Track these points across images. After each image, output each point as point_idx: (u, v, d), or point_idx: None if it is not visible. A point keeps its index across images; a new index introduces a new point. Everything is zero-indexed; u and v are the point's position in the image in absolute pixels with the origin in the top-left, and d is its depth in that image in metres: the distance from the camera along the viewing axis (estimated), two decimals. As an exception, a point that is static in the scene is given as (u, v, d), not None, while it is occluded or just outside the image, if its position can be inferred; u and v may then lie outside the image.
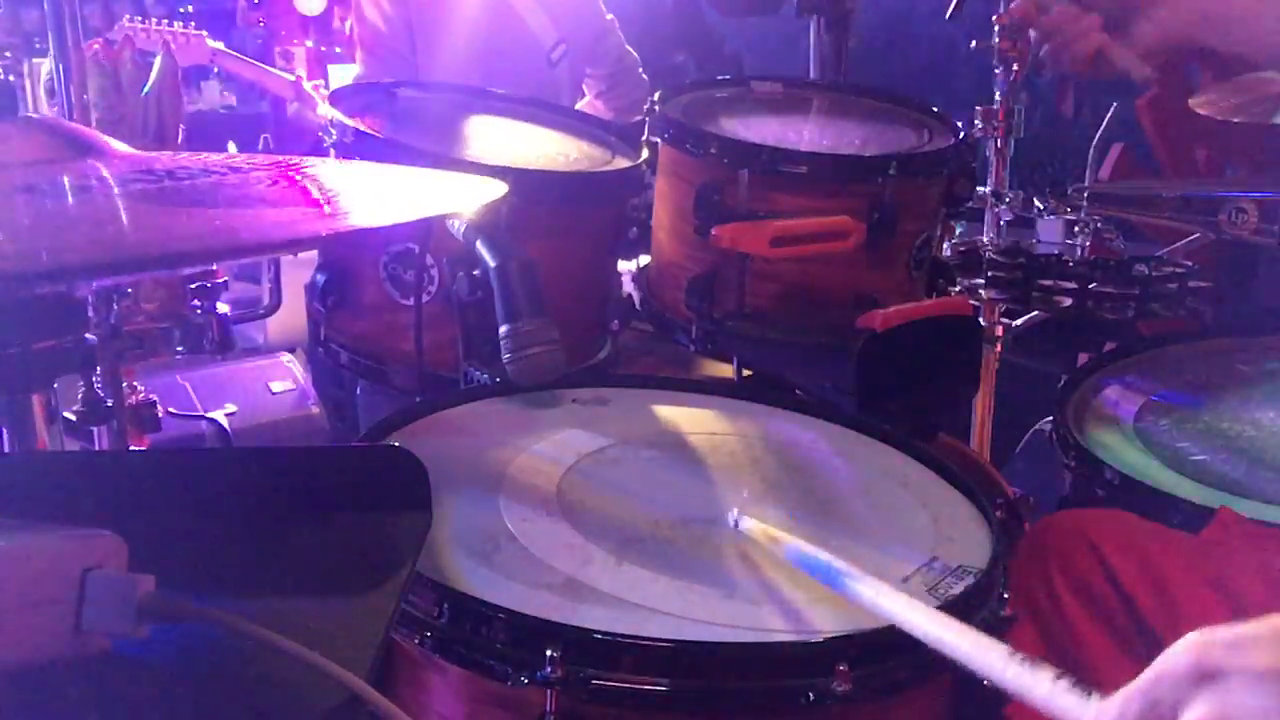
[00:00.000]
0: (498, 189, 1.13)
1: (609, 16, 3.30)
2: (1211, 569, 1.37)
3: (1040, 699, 0.83)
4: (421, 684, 1.14)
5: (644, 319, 2.03)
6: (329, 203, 1.03)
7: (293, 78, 3.78)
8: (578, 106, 3.19)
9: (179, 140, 1.83)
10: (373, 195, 1.13)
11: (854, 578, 1.06)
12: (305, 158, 1.21)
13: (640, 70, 3.37)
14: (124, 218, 0.93)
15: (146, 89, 1.77)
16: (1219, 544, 1.40)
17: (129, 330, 1.67)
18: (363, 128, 1.77)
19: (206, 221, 0.95)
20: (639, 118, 2.05)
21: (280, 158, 1.16)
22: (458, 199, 1.16)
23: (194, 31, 3.81)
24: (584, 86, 3.33)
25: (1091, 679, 1.39)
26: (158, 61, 1.80)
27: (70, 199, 0.97)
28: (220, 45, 3.94)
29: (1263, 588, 1.33)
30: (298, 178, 1.07)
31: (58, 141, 1.12)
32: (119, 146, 1.15)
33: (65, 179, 1.00)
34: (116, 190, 0.99)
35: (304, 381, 3.19)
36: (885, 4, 4.36)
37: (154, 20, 3.79)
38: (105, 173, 1.04)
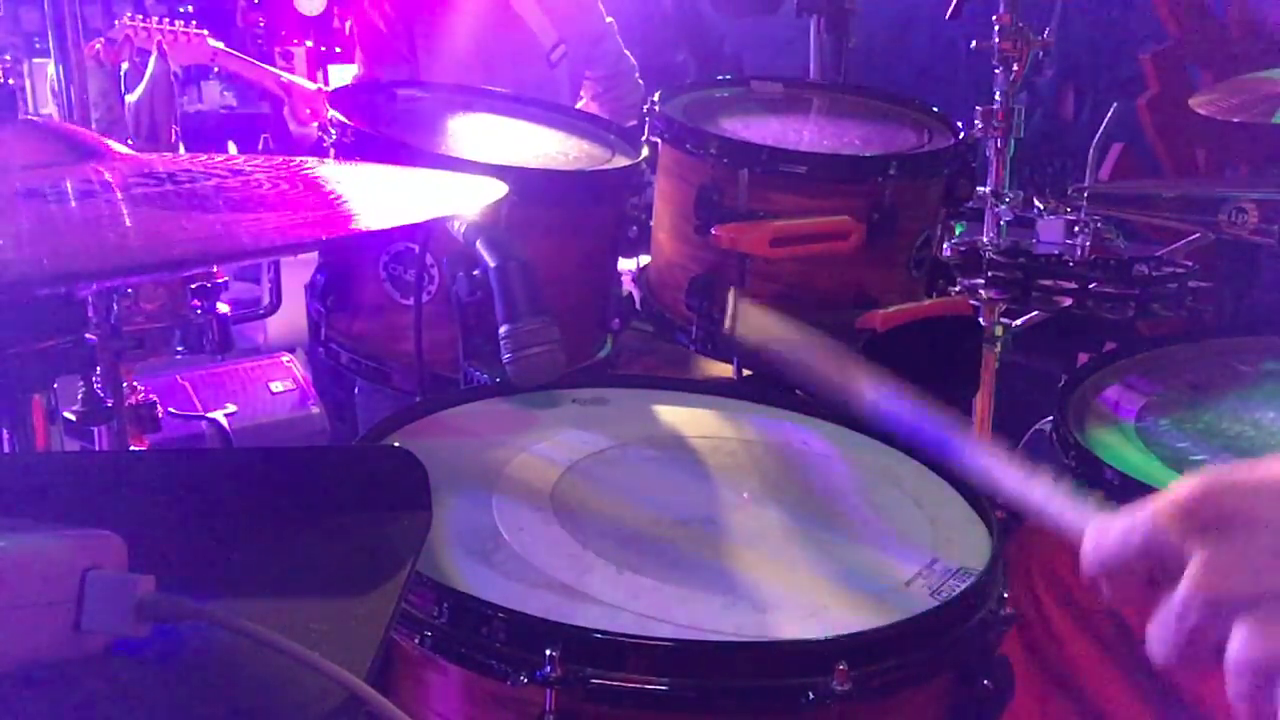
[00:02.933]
0: (498, 189, 1.13)
1: (608, 19, 3.31)
2: None
3: (1036, 502, 0.80)
4: (421, 684, 1.14)
5: (644, 319, 2.03)
6: (332, 205, 1.03)
7: (313, 86, 3.75)
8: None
9: (173, 141, 1.83)
10: (374, 196, 1.13)
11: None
12: (306, 158, 1.21)
13: (637, 75, 3.38)
14: (127, 222, 0.93)
15: (139, 91, 1.77)
16: None
17: (129, 330, 1.67)
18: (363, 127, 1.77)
19: (209, 225, 0.95)
20: (633, 122, 2.06)
21: (281, 159, 1.16)
22: (458, 199, 1.16)
23: (194, 31, 3.79)
24: (581, 89, 3.33)
25: (1076, 682, 1.39)
26: (151, 63, 1.80)
27: (73, 203, 0.97)
28: (220, 45, 3.94)
29: None
30: (300, 181, 1.07)
31: (59, 145, 1.12)
32: (120, 149, 1.15)
33: (68, 183, 1.00)
34: (119, 194, 0.99)
35: (304, 381, 3.19)
36: (885, 4, 4.36)
37: (154, 19, 3.78)
38: (107, 176, 1.04)
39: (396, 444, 1.34)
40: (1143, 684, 1.33)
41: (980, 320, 2.17)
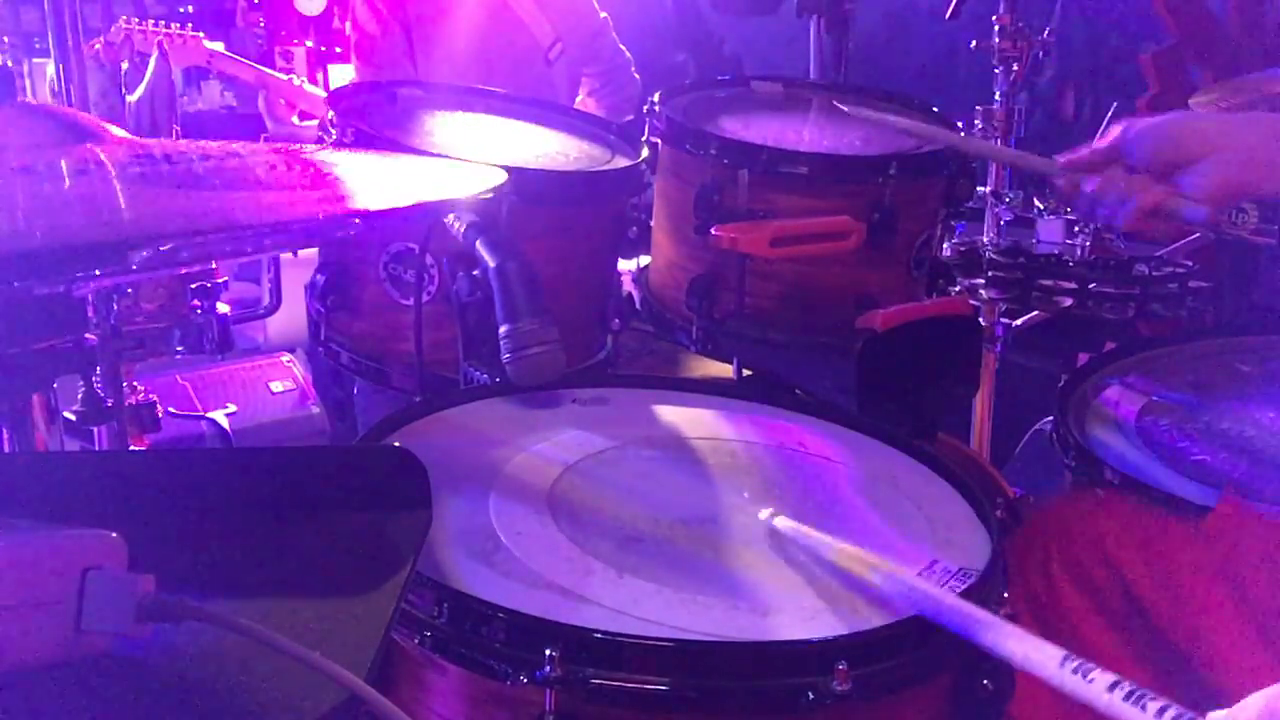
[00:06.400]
0: (495, 176, 1.13)
1: (603, 15, 3.31)
2: (1213, 557, 1.37)
3: (1101, 706, 0.84)
4: (421, 684, 1.14)
5: (644, 319, 2.03)
6: (328, 187, 1.03)
7: (314, 89, 3.76)
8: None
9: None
10: (371, 182, 1.13)
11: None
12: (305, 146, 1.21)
13: (632, 69, 3.38)
14: (121, 200, 0.93)
15: (139, 91, 1.77)
16: (1221, 532, 1.40)
17: (129, 330, 1.67)
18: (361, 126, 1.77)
19: (202, 202, 0.95)
20: (630, 117, 2.05)
21: (280, 145, 1.16)
22: (456, 187, 1.16)
23: (190, 33, 3.80)
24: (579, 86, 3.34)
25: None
26: (151, 63, 1.80)
27: (67, 182, 0.97)
28: (219, 46, 3.94)
29: (1264, 575, 1.33)
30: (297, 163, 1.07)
31: (56, 127, 1.12)
32: (117, 133, 1.15)
33: (63, 163, 1.00)
34: (114, 173, 0.99)
35: (304, 381, 3.19)
36: (885, 4, 4.36)
37: (150, 21, 3.78)
38: (103, 157, 1.04)
39: (396, 444, 1.34)
40: (1158, 667, 1.34)
41: (980, 320, 2.17)
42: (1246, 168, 1.36)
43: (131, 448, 1.83)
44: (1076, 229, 2.21)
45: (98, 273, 0.88)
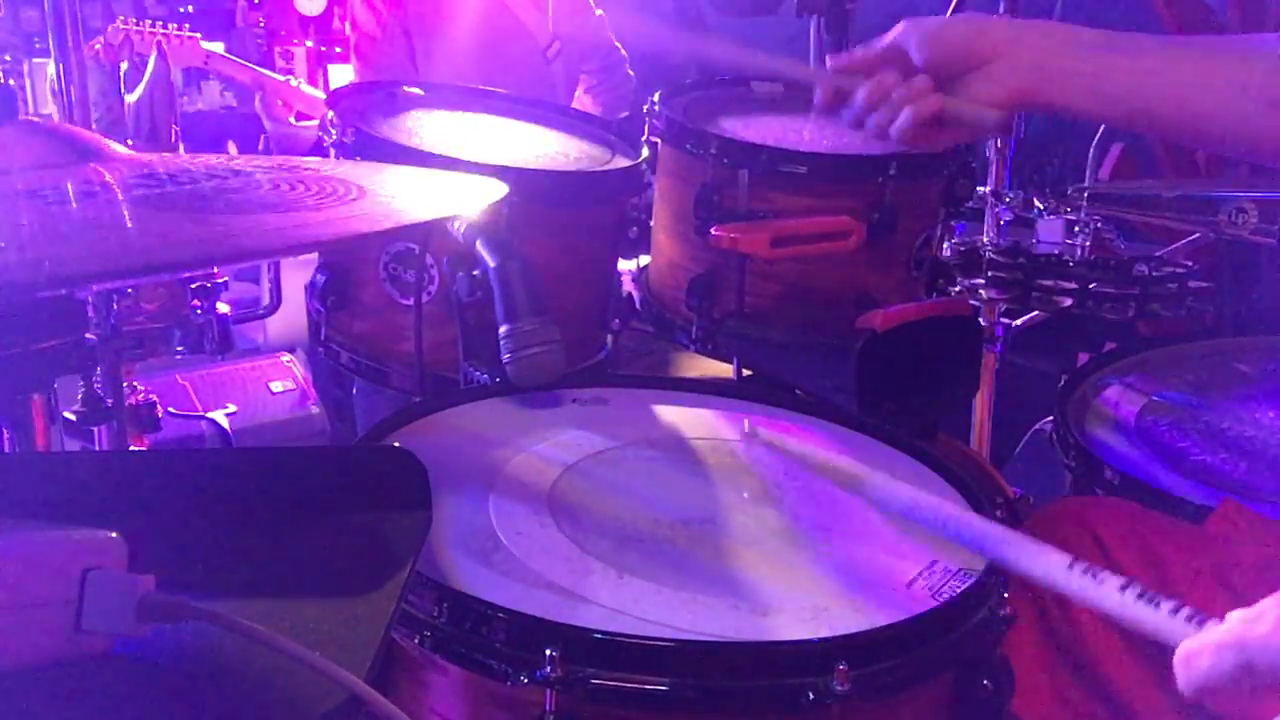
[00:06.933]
0: (498, 189, 1.13)
1: (599, 13, 3.32)
2: (1213, 560, 1.37)
3: (1112, 608, 0.84)
4: (421, 684, 1.14)
5: (644, 319, 2.03)
6: (333, 206, 1.03)
7: (316, 90, 3.77)
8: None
9: (173, 141, 1.83)
10: (375, 197, 1.13)
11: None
12: (305, 158, 1.21)
13: (627, 67, 3.39)
14: (128, 224, 0.93)
15: (138, 92, 1.77)
16: (1221, 535, 1.40)
17: (129, 330, 1.67)
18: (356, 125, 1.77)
19: (210, 227, 0.95)
20: (626, 113, 2.05)
21: (281, 159, 1.16)
22: (459, 199, 1.16)
23: (188, 34, 3.81)
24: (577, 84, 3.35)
25: (1095, 669, 1.39)
26: (151, 63, 1.80)
27: (74, 205, 0.97)
28: (219, 46, 3.94)
29: (1264, 580, 1.33)
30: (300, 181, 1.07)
31: (60, 146, 1.12)
32: (121, 150, 1.15)
33: (69, 184, 1.00)
34: (120, 196, 0.99)
35: (304, 381, 3.19)
36: (885, 4, 4.36)
37: (148, 22, 3.79)
38: (108, 178, 1.04)
39: (396, 444, 1.34)
40: (1162, 670, 1.34)
41: (980, 320, 2.17)
42: (1038, 75, 1.29)
43: (131, 448, 1.83)
44: (1076, 229, 2.21)
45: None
